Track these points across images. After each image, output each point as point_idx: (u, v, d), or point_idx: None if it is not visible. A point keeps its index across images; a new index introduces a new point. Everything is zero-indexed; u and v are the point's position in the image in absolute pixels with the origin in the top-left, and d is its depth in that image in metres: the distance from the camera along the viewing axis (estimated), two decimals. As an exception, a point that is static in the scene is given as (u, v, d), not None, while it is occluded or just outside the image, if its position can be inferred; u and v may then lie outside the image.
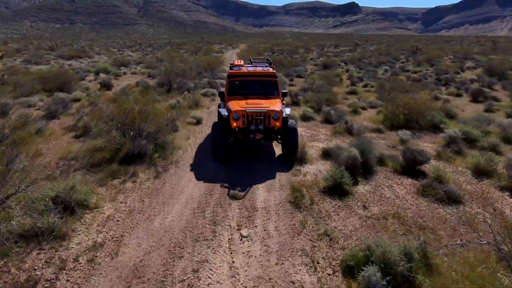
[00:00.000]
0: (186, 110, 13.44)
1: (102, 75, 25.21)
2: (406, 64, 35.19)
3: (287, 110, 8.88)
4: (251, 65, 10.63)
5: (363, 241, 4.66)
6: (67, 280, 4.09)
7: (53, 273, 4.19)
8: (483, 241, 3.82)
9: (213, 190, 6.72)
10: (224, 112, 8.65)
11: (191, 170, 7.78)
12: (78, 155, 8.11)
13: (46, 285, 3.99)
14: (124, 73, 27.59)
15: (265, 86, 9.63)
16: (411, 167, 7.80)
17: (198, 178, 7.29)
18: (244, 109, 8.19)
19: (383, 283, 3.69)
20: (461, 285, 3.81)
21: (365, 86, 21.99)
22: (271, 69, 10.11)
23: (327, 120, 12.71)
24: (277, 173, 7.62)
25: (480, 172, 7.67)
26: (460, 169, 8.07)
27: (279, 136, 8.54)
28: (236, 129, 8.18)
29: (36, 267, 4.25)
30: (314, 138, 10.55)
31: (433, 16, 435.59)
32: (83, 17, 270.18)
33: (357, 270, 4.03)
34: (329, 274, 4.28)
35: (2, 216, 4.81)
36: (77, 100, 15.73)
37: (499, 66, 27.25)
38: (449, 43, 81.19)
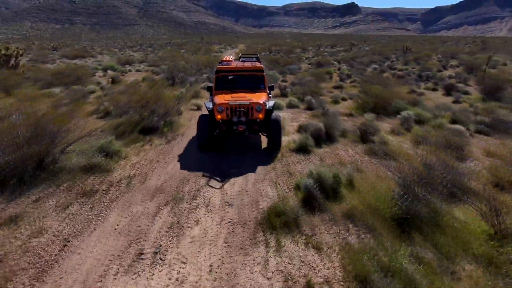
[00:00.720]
0: (188, 99, 15.67)
1: (110, 72, 27.42)
2: (395, 63, 37.35)
3: (271, 103, 9.20)
4: (239, 61, 11.11)
5: (308, 169, 6.87)
6: (116, 191, 6.32)
7: (106, 187, 6.43)
8: (381, 164, 6.02)
9: (211, 152, 8.95)
10: (209, 105, 9.05)
11: (193, 139, 10.00)
12: (104, 128, 10.32)
13: (103, 193, 6.22)
14: (130, 71, 29.80)
15: (251, 80, 9.94)
16: (365, 137, 10.03)
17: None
18: (227, 101, 8.49)
19: (315, 187, 5.88)
20: (367, 194, 5.99)
21: (352, 82, 24.12)
22: (259, 64, 10.52)
23: (309, 108, 14.88)
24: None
25: (419, 142, 9.89)
26: (405, 139, 10.28)
27: (263, 129, 8.85)
28: (220, 121, 8.51)
29: (94, 184, 6.48)
30: (295, 120, 12.74)
31: (432, 16, 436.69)
32: (83, 17, 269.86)
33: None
34: (285, 191, 6.50)
35: (65, 158, 7.02)
36: (92, 92, 17.93)
37: (478, 64, 29.40)
38: (446, 44, 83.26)
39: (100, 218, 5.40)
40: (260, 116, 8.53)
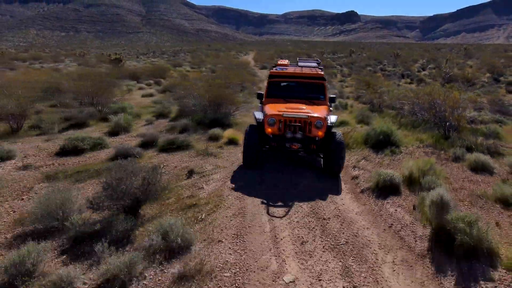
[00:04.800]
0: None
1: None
2: (386, 66, 46.47)
3: (333, 118, 7.89)
4: (296, 66, 10.27)
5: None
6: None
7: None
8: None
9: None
10: (259, 115, 7.87)
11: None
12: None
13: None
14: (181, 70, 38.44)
15: (309, 90, 8.77)
16: (358, 98, 19.18)
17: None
18: (281, 113, 7.34)
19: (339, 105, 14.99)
20: (356, 109, 15.10)
21: (352, 79, 33.18)
22: (320, 70, 9.32)
23: (325, 89, 24.00)
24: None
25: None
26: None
27: (321, 149, 7.53)
28: (271, 135, 7.39)
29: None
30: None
31: (431, 24, 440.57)
32: (87, 25, 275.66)
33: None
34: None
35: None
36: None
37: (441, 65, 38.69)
38: (439, 50, 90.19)
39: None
40: (320, 133, 7.33)
